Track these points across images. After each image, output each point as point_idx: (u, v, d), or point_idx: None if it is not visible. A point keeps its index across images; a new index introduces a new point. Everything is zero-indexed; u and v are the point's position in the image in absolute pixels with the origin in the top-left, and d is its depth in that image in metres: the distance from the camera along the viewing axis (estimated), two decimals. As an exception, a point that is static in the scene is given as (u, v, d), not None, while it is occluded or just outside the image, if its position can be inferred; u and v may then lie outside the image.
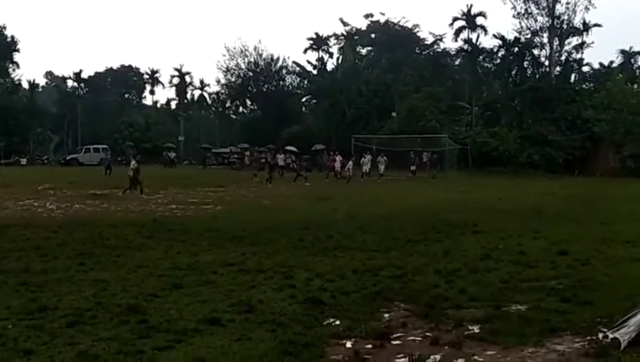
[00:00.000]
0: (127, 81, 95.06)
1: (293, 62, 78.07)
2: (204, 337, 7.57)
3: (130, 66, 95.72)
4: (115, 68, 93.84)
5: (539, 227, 17.54)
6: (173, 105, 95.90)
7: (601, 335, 7.55)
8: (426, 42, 76.24)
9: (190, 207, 23.99)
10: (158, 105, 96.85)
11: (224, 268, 11.68)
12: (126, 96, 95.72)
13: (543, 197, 27.87)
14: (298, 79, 79.72)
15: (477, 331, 7.93)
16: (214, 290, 9.90)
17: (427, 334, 7.87)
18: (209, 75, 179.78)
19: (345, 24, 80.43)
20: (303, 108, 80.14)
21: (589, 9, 61.64)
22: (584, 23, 64.22)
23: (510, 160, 50.96)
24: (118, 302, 9.05)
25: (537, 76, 65.21)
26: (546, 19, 61.58)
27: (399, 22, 76.05)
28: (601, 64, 74.67)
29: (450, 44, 74.24)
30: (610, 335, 7.49)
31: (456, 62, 75.04)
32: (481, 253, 13.35)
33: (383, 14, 77.19)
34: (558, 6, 61.04)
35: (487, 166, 50.07)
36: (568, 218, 20.09)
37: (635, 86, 54.99)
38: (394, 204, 24.23)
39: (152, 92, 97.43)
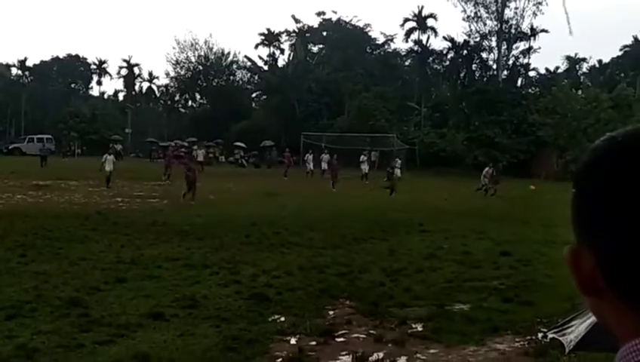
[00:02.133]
0: (73, 70, 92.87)
1: (245, 56, 77.58)
2: (147, 332, 7.59)
3: (77, 56, 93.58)
4: (61, 57, 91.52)
5: (483, 228, 17.92)
6: (120, 96, 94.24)
7: (540, 335, 7.73)
8: (377, 42, 76.41)
9: (136, 201, 23.84)
10: (106, 96, 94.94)
11: (169, 262, 11.65)
12: (72, 86, 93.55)
13: (488, 198, 28.35)
14: (249, 74, 79.18)
15: (420, 329, 8.08)
16: (158, 285, 9.86)
17: (371, 332, 8.02)
18: (158, 67, 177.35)
19: (297, 21, 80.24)
20: (253, 104, 79.65)
21: (536, 14, 62.59)
22: (532, 29, 65.12)
23: (457, 161, 51.67)
24: (59, 295, 8.95)
25: (485, 79, 66.20)
26: (495, 23, 62.47)
27: (351, 21, 76.07)
28: (547, 69, 76.13)
29: (400, 45, 74.74)
30: (550, 335, 7.67)
31: (407, 63, 75.45)
32: (427, 253, 13.63)
33: (335, 12, 77.27)
34: (506, 11, 61.96)
35: (435, 166, 50.63)
36: (512, 219, 20.58)
37: (580, 92, 56.29)
38: (342, 202, 24.31)
39: (99, 83, 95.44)
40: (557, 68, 76.73)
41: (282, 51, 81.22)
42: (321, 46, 78.51)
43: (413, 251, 13.88)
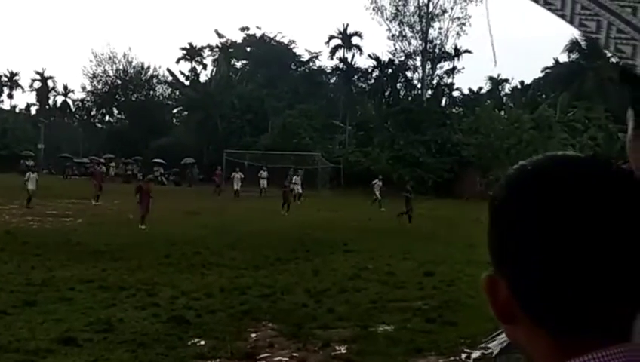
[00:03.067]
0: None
1: (167, 69, 76.58)
2: (58, 358, 7.42)
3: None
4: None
5: (407, 248, 18.05)
6: (33, 110, 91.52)
7: (464, 356, 7.71)
8: (302, 59, 76.62)
9: (48, 219, 23.08)
10: (17, 109, 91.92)
11: (83, 284, 11.32)
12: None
13: (412, 218, 28.62)
14: (169, 90, 78.00)
15: (344, 351, 7.95)
16: (71, 308, 9.55)
17: (294, 354, 7.88)
18: (74, 80, 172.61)
19: (220, 36, 79.89)
20: (174, 120, 78.35)
21: (460, 35, 64.22)
22: (455, 49, 66.67)
23: (382, 180, 52.11)
24: (-38, 320, 8.43)
25: (410, 98, 67.11)
26: (420, 42, 63.72)
27: (275, 37, 76.26)
28: (470, 89, 77.85)
29: (325, 62, 75.26)
30: (473, 356, 7.66)
31: (332, 81, 75.85)
32: (351, 273, 13.54)
33: (260, 28, 77.39)
34: (431, 31, 63.31)
35: (360, 185, 50.86)
36: (436, 239, 20.75)
37: (502, 112, 57.81)
38: (265, 221, 24.11)
39: (10, 96, 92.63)
40: (480, 88, 78.68)
41: (205, 66, 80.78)
42: (244, 62, 78.03)
43: (337, 271, 13.83)
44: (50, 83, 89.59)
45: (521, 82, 77.55)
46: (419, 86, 66.88)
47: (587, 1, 1.29)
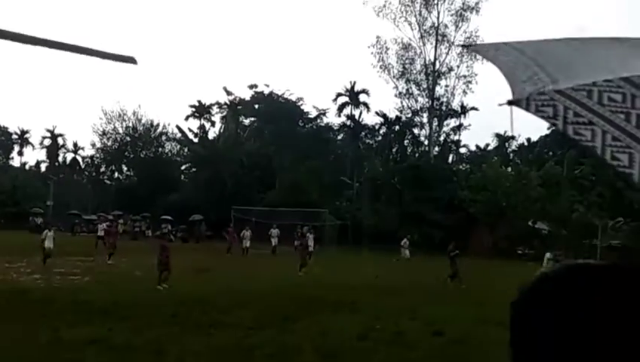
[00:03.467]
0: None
1: (176, 125, 76.88)
2: None
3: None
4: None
5: (415, 306, 17.69)
6: (43, 167, 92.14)
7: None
8: (310, 116, 77.14)
9: (56, 277, 22.70)
10: (27, 166, 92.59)
11: (90, 345, 11.07)
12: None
13: (420, 275, 28.28)
14: (178, 146, 78.44)
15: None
16: None
17: None
18: (84, 137, 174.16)
19: (229, 93, 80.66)
20: (182, 177, 78.51)
21: (466, 93, 65.08)
22: (462, 106, 67.50)
23: (390, 237, 51.75)
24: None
25: (417, 155, 67.56)
26: (426, 100, 64.40)
27: (283, 94, 76.83)
28: (477, 146, 78.08)
29: (333, 119, 75.76)
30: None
31: (339, 137, 76.49)
32: (359, 333, 13.23)
33: (268, 86, 77.92)
34: (437, 88, 64.09)
35: (367, 242, 50.55)
36: (444, 298, 20.39)
37: (509, 169, 57.85)
38: (272, 279, 23.81)
39: (20, 153, 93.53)
40: (487, 145, 79.01)
41: (213, 123, 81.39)
42: (252, 119, 78.52)
43: (345, 331, 13.52)
44: (60, 140, 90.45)
45: (528, 139, 78.02)
46: (426, 143, 67.24)
47: (580, 108, 1.28)
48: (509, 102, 1.34)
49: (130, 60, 6.15)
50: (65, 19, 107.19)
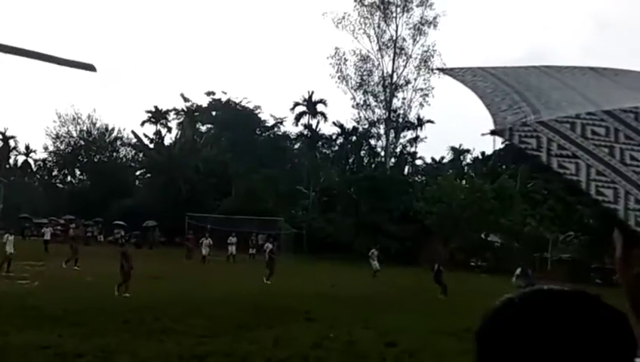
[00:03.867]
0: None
1: (132, 131, 76.36)
2: None
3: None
4: None
5: (369, 316, 17.84)
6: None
7: None
8: (267, 124, 77.44)
9: (4, 281, 22.51)
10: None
11: (38, 351, 10.92)
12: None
13: (374, 286, 28.46)
14: (133, 152, 77.74)
15: None
16: None
17: None
18: (36, 140, 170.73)
19: (186, 100, 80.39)
20: (137, 182, 77.79)
21: (423, 105, 65.89)
22: (418, 119, 68.38)
23: (345, 247, 51.90)
24: None
25: (373, 166, 68.20)
26: (384, 111, 64.99)
27: (241, 102, 77.02)
28: (433, 159, 79.11)
29: (290, 128, 75.90)
30: None
31: (296, 146, 76.65)
32: (312, 342, 13.27)
33: (225, 93, 77.76)
34: (395, 100, 64.80)
35: (323, 252, 50.63)
36: (397, 308, 20.55)
37: (464, 182, 58.68)
38: (227, 287, 23.73)
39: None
40: (442, 158, 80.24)
41: (169, 129, 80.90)
42: (209, 126, 78.45)
43: (298, 340, 13.56)
44: (11, 142, 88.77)
45: (482, 152, 79.21)
46: (382, 154, 67.82)
47: (563, 141, 1.26)
48: (492, 132, 1.31)
49: (90, 68, 6.15)
50: (20, 23, 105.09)
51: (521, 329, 0.80)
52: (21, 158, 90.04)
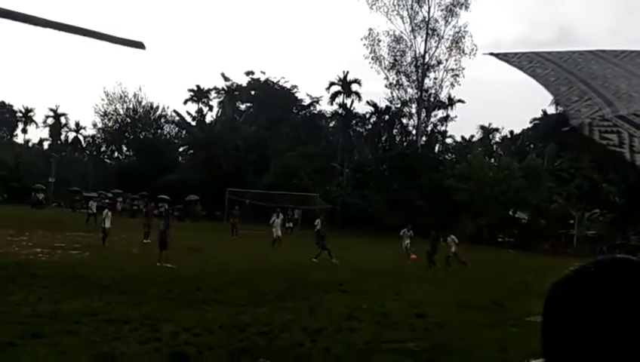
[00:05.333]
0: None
1: (174, 110, 77.67)
2: None
3: (2, 103, 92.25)
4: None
5: (400, 289, 18.17)
6: (46, 145, 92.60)
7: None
8: (303, 103, 78.05)
9: (56, 252, 22.99)
10: (30, 144, 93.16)
11: (88, 317, 11.23)
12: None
13: (405, 259, 28.75)
14: (176, 129, 79.07)
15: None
16: (76, 341, 9.48)
17: None
18: (86, 117, 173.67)
19: (226, 79, 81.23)
20: (180, 158, 79.18)
21: (454, 85, 65.82)
22: (449, 98, 68.46)
23: (377, 222, 52.36)
24: (-30, 350, 8.60)
25: (405, 144, 68.59)
26: (415, 91, 65.20)
27: (279, 81, 77.34)
28: (462, 137, 79.12)
29: (325, 107, 76.38)
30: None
31: (331, 125, 77.42)
32: (346, 313, 13.67)
33: (264, 73, 78.46)
34: (426, 80, 64.93)
35: (355, 226, 51.24)
36: (428, 281, 20.91)
37: (493, 160, 58.61)
38: (265, 260, 24.17)
39: (24, 130, 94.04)
40: (472, 136, 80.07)
41: (210, 108, 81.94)
42: (248, 104, 79.40)
43: (332, 311, 13.97)
44: (63, 119, 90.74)
45: (511, 132, 79.58)
46: (414, 132, 68.14)
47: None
48: (571, 129, 1.32)
49: (139, 45, 6.48)
50: (71, 1, 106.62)
51: (597, 296, 0.78)
52: (72, 135, 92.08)
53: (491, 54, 1.60)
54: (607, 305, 0.77)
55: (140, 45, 6.64)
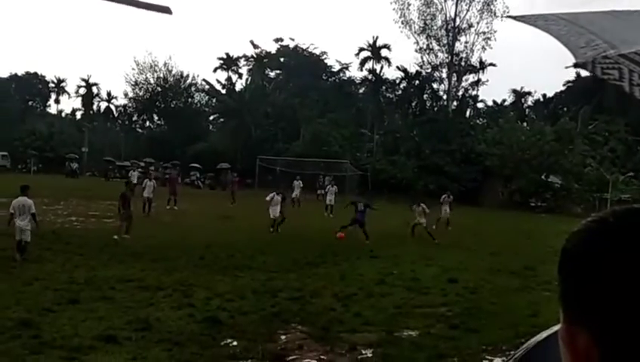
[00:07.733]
0: (31, 88, 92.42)
1: (203, 79, 77.78)
2: (99, 355, 7.46)
3: (35, 74, 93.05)
4: (19, 74, 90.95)
5: (431, 254, 18.22)
6: (78, 115, 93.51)
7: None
8: (333, 69, 77.62)
9: (91, 220, 23.43)
10: (63, 114, 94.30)
11: (122, 283, 11.55)
12: (30, 103, 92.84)
13: (436, 225, 28.60)
14: (207, 97, 79.31)
15: (370, 355, 8.24)
16: (111, 306, 9.77)
17: (322, 357, 8.08)
18: (117, 87, 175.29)
19: (255, 47, 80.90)
20: (210, 127, 79.64)
21: (485, 49, 65.09)
22: (480, 62, 67.55)
23: (407, 188, 52.23)
24: (10, 316, 8.82)
25: (436, 109, 68.01)
26: (446, 55, 64.49)
27: (308, 48, 76.99)
28: (494, 102, 78.14)
29: (355, 73, 75.71)
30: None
31: (361, 91, 76.79)
32: (377, 278, 13.77)
33: (293, 40, 78.10)
34: (457, 44, 64.11)
35: (386, 192, 51.14)
36: (459, 247, 20.86)
37: (525, 124, 57.89)
38: (295, 226, 24.33)
39: (57, 101, 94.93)
40: (504, 100, 79.02)
41: (240, 76, 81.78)
42: (278, 72, 79.15)
43: (363, 276, 14.05)
44: (94, 89, 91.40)
45: (544, 95, 78.23)
46: (444, 97, 67.57)
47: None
48: (575, 65, 1.36)
49: (166, 10, 6.42)
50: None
51: (616, 245, 0.75)
52: (103, 105, 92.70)
53: (509, 17, 1.61)
54: (628, 255, 0.74)
55: (166, 10, 6.57)
